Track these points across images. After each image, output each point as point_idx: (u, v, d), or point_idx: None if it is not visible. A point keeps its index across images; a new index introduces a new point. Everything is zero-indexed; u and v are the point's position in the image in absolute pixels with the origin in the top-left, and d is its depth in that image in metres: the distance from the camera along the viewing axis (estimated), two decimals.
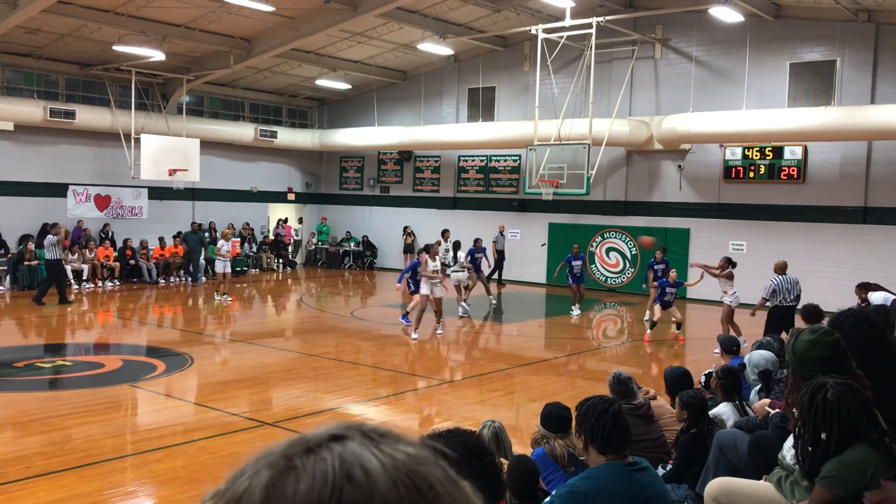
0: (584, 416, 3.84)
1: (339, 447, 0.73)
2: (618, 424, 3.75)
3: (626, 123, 20.48)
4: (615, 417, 3.77)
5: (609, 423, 3.74)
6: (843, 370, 3.59)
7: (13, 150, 21.14)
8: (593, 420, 3.77)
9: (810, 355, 3.77)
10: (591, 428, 3.77)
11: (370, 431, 0.76)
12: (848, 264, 18.28)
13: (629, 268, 22.17)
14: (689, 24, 20.20)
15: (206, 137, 23.68)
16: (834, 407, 3.31)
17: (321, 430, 0.76)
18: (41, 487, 6.58)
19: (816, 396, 3.35)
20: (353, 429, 0.76)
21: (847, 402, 3.31)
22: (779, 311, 12.24)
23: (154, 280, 22.18)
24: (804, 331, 3.95)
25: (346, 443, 0.73)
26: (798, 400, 3.46)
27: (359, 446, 0.73)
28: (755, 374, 6.53)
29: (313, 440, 0.74)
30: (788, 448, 3.78)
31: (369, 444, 0.74)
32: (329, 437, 0.75)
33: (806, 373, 3.69)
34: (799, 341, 3.86)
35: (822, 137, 17.95)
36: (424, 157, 26.34)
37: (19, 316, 16.69)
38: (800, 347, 3.84)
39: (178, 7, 18.40)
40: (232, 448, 7.83)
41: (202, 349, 13.29)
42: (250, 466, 0.73)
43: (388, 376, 11.72)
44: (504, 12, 20.66)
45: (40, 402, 9.40)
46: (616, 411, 3.79)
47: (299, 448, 0.73)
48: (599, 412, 3.77)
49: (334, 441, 0.74)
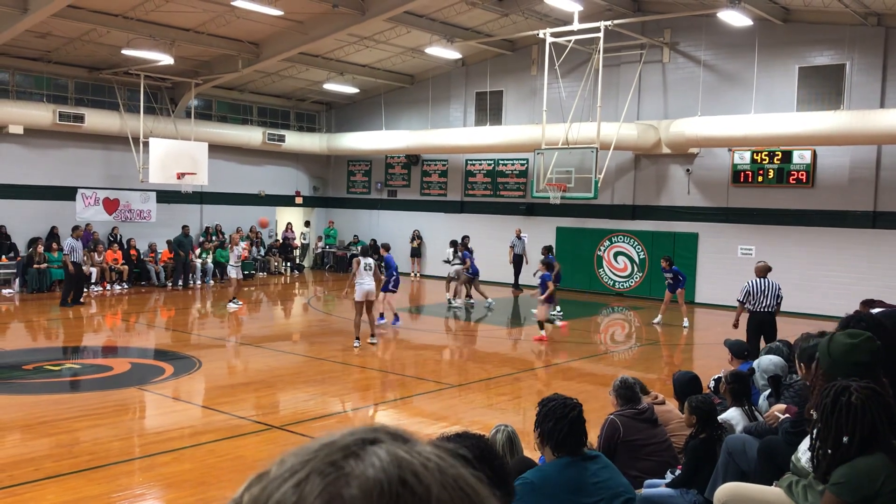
0: (543, 416, 3.99)
1: (381, 450, 0.72)
2: (574, 431, 3.88)
3: (634, 127, 20.44)
4: (572, 424, 3.91)
5: (566, 429, 3.89)
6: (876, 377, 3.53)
7: (22, 153, 21.24)
8: (551, 424, 3.91)
9: (849, 360, 3.68)
10: (549, 431, 3.91)
11: (395, 433, 0.76)
12: (857, 269, 18.21)
13: (637, 272, 22.11)
14: (698, 28, 20.17)
15: (214, 141, 23.75)
16: (858, 410, 3.24)
17: (349, 434, 0.75)
18: (49, 490, 6.59)
19: (840, 399, 3.29)
20: (379, 431, 0.76)
21: (871, 407, 3.25)
22: (755, 318, 11.50)
23: (162, 283, 22.23)
24: (841, 333, 3.86)
25: (382, 446, 0.73)
26: (819, 402, 3.41)
27: (397, 449, 0.72)
28: (764, 379, 6.49)
29: (351, 444, 0.73)
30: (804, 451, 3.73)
31: (404, 446, 0.73)
32: (364, 440, 0.73)
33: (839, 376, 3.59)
34: (836, 343, 3.78)
35: (831, 142, 17.88)
36: (432, 161, 26.35)
37: (28, 319, 16.75)
38: (837, 350, 3.76)
39: (187, 11, 18.47)
40: (239, 451, 7.83)
41: (210, 352, 13.30)
42: (290, 473, 0.70)
43: (395, 380, 11.72)
44: (512, 16, 20.67)
45: (49, 404, 9.42)
46: (574, 418, 3.91)
47: (340, 454, 0.72)
48: (558, 417, 3.90)
49: (372, 444, 0.73)
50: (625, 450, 5.57)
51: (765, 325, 11.40)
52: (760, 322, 11.42)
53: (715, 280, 20.32)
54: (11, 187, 21.10)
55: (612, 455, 5.56)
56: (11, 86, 21.40)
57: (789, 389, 6.09)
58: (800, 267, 18.70)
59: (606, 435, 5.63)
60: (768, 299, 11.50)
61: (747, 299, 11.63)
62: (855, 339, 3.75)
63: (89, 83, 22.72)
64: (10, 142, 20.86)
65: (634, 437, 5.61)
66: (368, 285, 13.53)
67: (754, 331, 11.39)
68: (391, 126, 26.30)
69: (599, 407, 7.60)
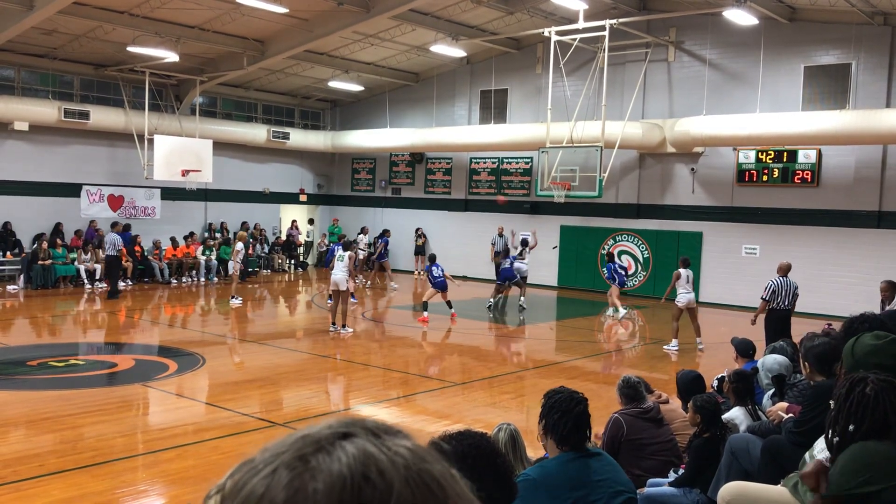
0: (548, 409, 3.97)
1: (350, 446, 0.74)
2: (578, 425, 3.88)
3: (638, 126, 20.41)
4: (577, 419, 3.89)
5: (570, 423, 3.87)
6: None
7: (28, 150, 21.28)
8: (556, 417, 3.90)
9: (871, 360, 3.66)
10: (554, 424, 3.90)
11: (373, 427, 0.78)
12: (862, 269, 18.15)
13: (641, 271, 22.09)
14: (703, 27, 20.12)
15: (218, 138, 23.77)
16: (871, 402, 3.23)
17: (326, 428, 0.77)
18: (54, 486, 6.61)
19: (855, 389, 3.28)
20: (356, 425, 0.78)
21: (885, 399, 3.23)
22: (775, 315, 11.93)
23: (166, 280, 22.27)
24: (867, 334, 3.84)
25: (354, 440, 0.75)
26: (836, 391, 3.40)
27: (367, 444, 0.74)
28: (768, 378, 6.48)
29: (323, 438, 0.75)
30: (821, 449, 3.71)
31: (375, 441, 0.75)
32: (337, 435, 0.76)
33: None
34: (861, 344, 3.76)
35: (837, 141, 17.83)
36: (436, 159, 26.34)
37: (33, 315, 16.79)
38: (861, 350, 3.74)
39: (192, 8, 18.49)
40: (243, 448, 7.84)
41: (214, 349, 13.32)
42: (264, 465, 0.74)
43: (398, 378, 11.72)
44: (517, 14, 20.64)
45: (53, 400, 9.44)
46: (579, 413, 3.89)
47: (311, 448, 0.74)
48: (564, 411, 3.89)
49: (343, 439, 0.75)
50: (628, 448, 5.57)
51: (785, 322, 11.80)
52: (781, 318, 11.83)
53: (719, 279, 20.30)
54: (17, 184, 21.14)
55: (615, 453, 5.56)
56: (17, 82, 21.45)
57: (793, 389, 6.08)
58: (805, 266, 18.61)
59: (610, 433, 5.63)
60: (788, 297, 12.00)
61: (772, 298, 12.00)
62: (879, 341, 3.74)
63: (95, 80, 22.76)
64: (15, 138, 20.90)
65: (638, 436, 5.60)
66: (335, 276, 14.57)
67: (775, 327, 11.62)
68: (395, 124, 26.29)
69: (603, 405, 7.59)
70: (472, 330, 16.11)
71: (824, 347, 4.79)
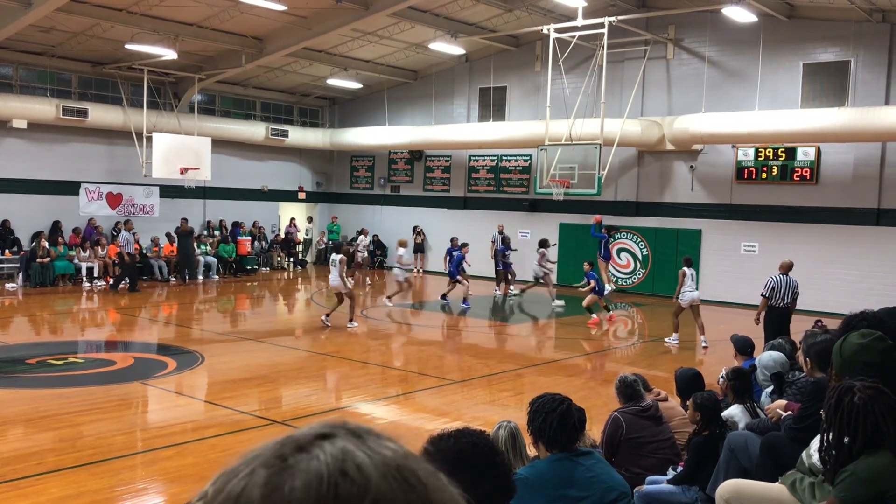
0: (533, 414, 4.00)
1: (329, 445, 0.74)
2: (564, 425, 3.88)
3: (637, 124, 20.40)
4: (562, 418, 3.90)
5: (555, 423, 3.88)
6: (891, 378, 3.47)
7: (26, 147, 21.26)
8: (541, 420, 3.91)
9: (859, 359, 3.65)
10: (539, 427, 3.91)
11: (356, 429, 0.78)
12: (861, 266, 18.17)
13: (640, 268, 22.09)
14: (702, 24, 20.10)
15: (217, 136, 23.75)
16: (861, 411, 3.21)
17: (308, 430, 0.78)
18: (52, 484, 6.60)
19: (843, 399, 3.25)
20: (339, 427, 0.78)
21: (875, 408, 3.21)
22: (774, 312, 12.00)
23: (165, 278, 22.26)
24: (854, 333, 3.83)
25: (334, 440, 0.75)
26: (825, 402, 3.39)
27: (347, 443, 0.75)
28: (765, 375, 6.48)
29: (303, 439, 0.76)
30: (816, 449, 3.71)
31: (356, 442, 0.76)
32: (317, 435, 0.76)
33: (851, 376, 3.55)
34: (848, 343, 3.75)
35: (836, 138, 17.83)
36: (435, 157, 26.33)
37: (31, 313, 16.77)
38: (848, 350, 3.73)
39: (191, 6, 18.46)
40: (241, 446, 7.79)
41: (212, 347, 13.31)
42: (243, 466, 0.74)
43: (397, 375, 11.72)
44: (516, 12, 20.62)
45: (52, 398, 9.44)
46: (563, 412, 3.90)
47: (290, 447, 0.75)
48: (547, 412, 3.90)
49: (323, 439, 0.75)
50: (628, 447, 5.57)
51: (784, 318, 11.83)
52: (781, 315, 11.86)
53: (718, 277, 20.29)
54: (15, 182, 21.12)
55: (615, 452, 5.57)
56: (15, 80, 21.42)
57: (792, 386, 6.08)
58: (804, 264, 18.54)
59: (609, 431, 5.63)
60: (788, 295, 12.03)
61: (772, 295, 12.03)
62: (865, 340, 3.72)
63: (93, 78, 22.73)
64: (13, 136, 20.88)
65: (637, 434, 5.60)
66: (331, 280, 15.14)
67: (773, 325, 11.63)
68: (394, 122, 26.27)
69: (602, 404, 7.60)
70: (473, 328, 16.12)
71: (826, 344, 4.78)
